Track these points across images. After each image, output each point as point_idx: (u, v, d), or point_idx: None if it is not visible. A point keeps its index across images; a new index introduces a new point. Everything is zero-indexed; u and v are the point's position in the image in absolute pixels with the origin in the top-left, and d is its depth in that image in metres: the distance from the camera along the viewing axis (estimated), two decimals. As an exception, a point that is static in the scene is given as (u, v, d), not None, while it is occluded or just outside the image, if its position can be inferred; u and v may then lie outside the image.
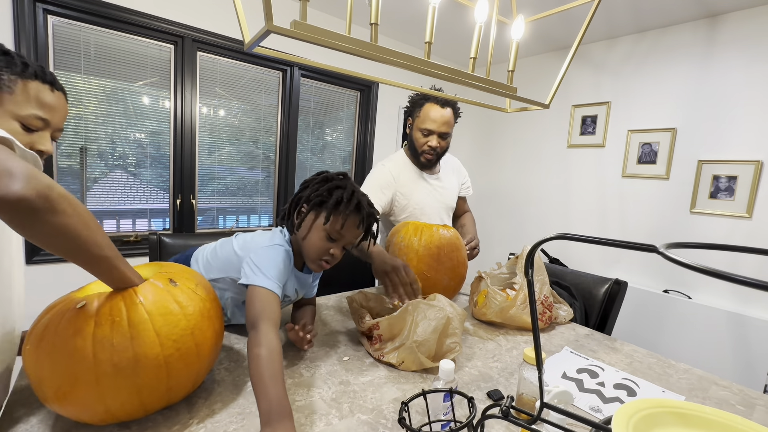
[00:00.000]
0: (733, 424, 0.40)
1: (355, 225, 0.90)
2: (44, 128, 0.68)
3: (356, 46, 0.70)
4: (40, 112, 0.66)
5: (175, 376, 0.62)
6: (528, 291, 0.51)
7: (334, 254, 0.91)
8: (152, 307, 0.61)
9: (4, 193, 0.44)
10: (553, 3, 2.14)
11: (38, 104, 0.66)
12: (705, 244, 0.31)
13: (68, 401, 0.56)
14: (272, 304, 0.77)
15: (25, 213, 0.46)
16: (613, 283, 1.37)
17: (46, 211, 0.47)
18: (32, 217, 0.46)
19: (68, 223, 0.49)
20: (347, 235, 0.90)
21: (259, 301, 0.76)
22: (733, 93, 2.14)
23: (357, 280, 1.69)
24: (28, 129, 0.66)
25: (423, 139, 1.49)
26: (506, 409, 0.50)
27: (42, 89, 0.67)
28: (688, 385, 0.92)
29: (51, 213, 0.47)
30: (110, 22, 1.86)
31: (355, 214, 0.89)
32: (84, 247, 0.53)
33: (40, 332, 0.57)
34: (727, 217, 2.16)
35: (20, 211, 0.45)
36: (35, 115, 0.66)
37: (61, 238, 0.50)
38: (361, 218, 0.90)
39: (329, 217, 0.87)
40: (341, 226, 0.88)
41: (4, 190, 0.44)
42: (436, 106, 1.46)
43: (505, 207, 3.35)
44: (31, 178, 0.46)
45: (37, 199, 0.46)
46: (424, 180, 1.56)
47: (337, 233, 0.89)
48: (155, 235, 1.30)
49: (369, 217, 0.92)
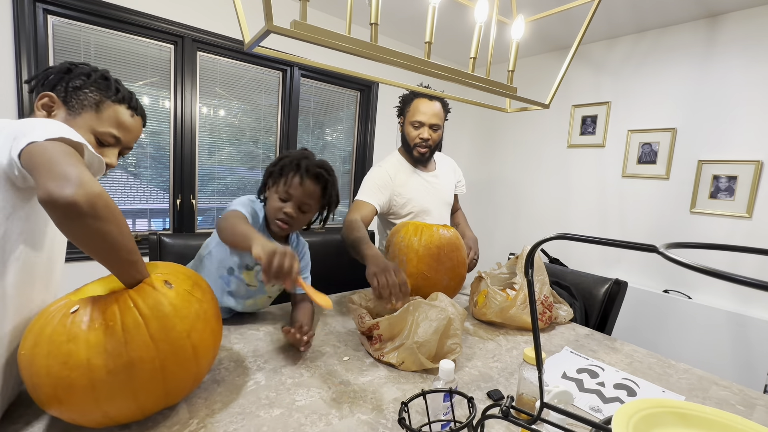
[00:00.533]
0: (733, 424, 0.40)
1: (298, 183, 1.00)
2: (115, 145, 0.76)
3: (356, 46, 0.70)
4: (116, 132, 0.75)
5: (172, 379, 0.62)
6: (528, 291, 0.51)
7: (287, 213, 1.02)
8: (147, 310, 0.60)
9: (58, 195, 0.49)
10: (553, 3, 2.14)
11: (117, 125, 0.75)
12: (705, 244, 0.31)
13: (64, 406, 0.56)
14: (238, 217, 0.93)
15: (73, 215, 0.51)
16: (613, 283, 1.37)
17: (90, 217, 0.52)
18: (77, 220, 0.51)
19: (108, 229, 0.55)
20: (294, 193, 1.01)
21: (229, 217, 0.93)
22: (733, 93, 2.14)
23: (357, 280, 1.69)
24: (101, 143, 0.74)
25: (414, 132, 1.51)
26: (506, 409, 0.50)
27: (124, 113, 0.76)
28: (688, 385, 0.92)
29: (94, 218, 0.52)
30: (110, 22, 1.86)
31: (295, 172, 1.00)
32: (116, 252, 0.58)
33: (34, 338, 0.57)
34: (727, 217, 2.16)
35: (68, 212, 0.50)
36: (111, 134, 0.74)
37: (98, 241, 0.55)
38: (300, 175, 1.00)
39: (276, 180, 1.03)
40: (285, 184, 1.01)
41: (59, 192, 0.49)
42: (425, 99, 1.50)
43: (505, 207, 3.35)
44: (83, 185, 0.51)
45: (85, 204, 0.50)
46: (421, 177, 1.57)
47: (285, 193, 1.01)
48: (155, 235, 1.30)
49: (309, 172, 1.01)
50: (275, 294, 1.16)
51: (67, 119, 0.71)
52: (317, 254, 1.62)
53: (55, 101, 0.71)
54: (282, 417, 0.69)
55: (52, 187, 0.49)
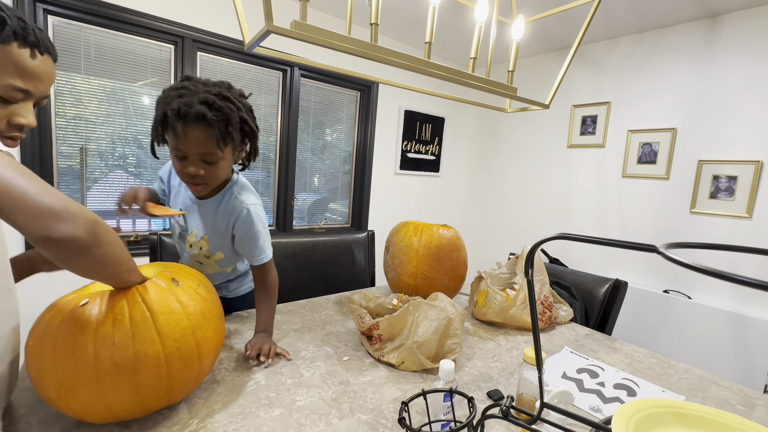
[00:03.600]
0: (733, 424, 0.40)
1: (183, 134, 0.77)
2: (25, 99, 0.57)
3: (356, 46, 0.70)
4: (19, 83, 0.55)
5: (175, 375, 0.62)
6: (528, 291, 0.51)
7: (190, 174, 0.82)
8: (154, 305, 0.61)
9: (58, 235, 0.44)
10: (553, 3, 2.14)
11: (17, 72, 0.54)
12: (705, 244, 0.31)
13: (69, 399, 0.57)
14: None
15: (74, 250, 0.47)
16: (613, 283, 1.37)
17: (95, 246, 0.48)
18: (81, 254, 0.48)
19: (109, 251, 0.52)
20: (185, 148, 0.79)
21: None
22: (733, 93, 2.14)
23: (357, 280, 1.69)
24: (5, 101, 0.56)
25: None
26: (506, 409, 0.50)
27: (22, 54, 0.54)
28: (688, 385, 0.92)
29: (98, 246, 0.49)
30: (110, 22, 1.85)
31: (175, 121, 0.76)
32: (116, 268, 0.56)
33: (43, 329, 0.58)
34: (727, 217, 2.16)
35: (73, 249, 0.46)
36: (13, 86, 0.54)
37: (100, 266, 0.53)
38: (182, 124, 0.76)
39: (161, 136, 0.81)
40: (174, 139, 0.79)
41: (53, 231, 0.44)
42: None
43: (505, 207, 3.35)
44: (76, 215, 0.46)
45: (86, 235, 0.47)
46: None
47: (176, 150, 0.80)
48: (155, 235, 1.30)
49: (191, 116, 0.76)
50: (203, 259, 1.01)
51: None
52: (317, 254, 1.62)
53: None
54: (282, 417, 0.69)
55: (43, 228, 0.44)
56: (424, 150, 3.27)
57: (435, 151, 3.34)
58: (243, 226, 0.92)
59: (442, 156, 3.40)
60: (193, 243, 0.99)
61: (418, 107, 3.15)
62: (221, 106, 0.79)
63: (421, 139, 3.23)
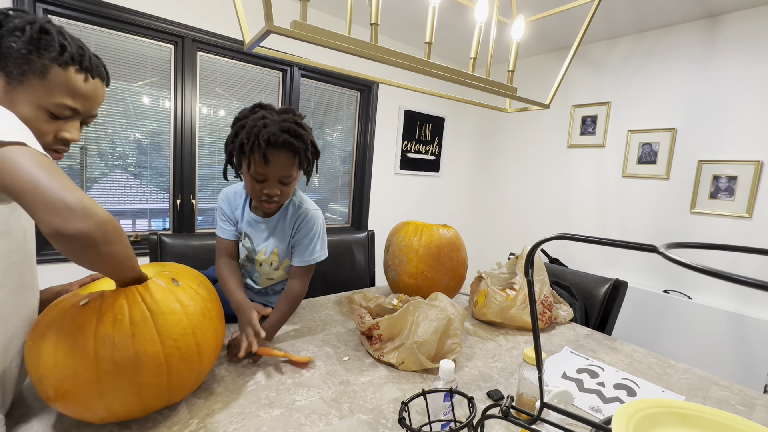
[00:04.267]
0: (733, 424, 0.40)
1: (263, 162, 0.86)
2: (73, 117, 0.63)
3: (356, 46, 0.70)
4: (69, 102, 0.61)
5: (175, 375, 0.62)
6: (528, 291, 0.51)
7: (268, 194, 0.91)
8: (154, 305, 0.61)
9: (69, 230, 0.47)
10: (553, 3, 2.14)
11: (69, 93, 0.60)
12: (705, 244, 0.31)
13: (69, 399, 0.57)
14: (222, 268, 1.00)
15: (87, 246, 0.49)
16: (613, 283, 1.37)
17: (104, 243, 0.51)
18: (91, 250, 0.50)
19: (117, 249, 0.54)
20: (266, 172, 0.88)
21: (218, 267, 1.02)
22: (733, 93, 2.14)
23: (357, 280, 1.69)
24: (55, 117, 0.61)
25: None
26: (506, 409, 0.50)
27: (76, 78, 0.61)
28: (688, 385, 0.92)
29: (106, 244, 0.51)
30: (110, 22, 1.86)
31: (257, 150, 0.85)
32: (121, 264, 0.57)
33: (43, 329, 0.58)
34: (727, 217, 2.16)
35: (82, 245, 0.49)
36: (64, 105, 0.60)
37: (108, 262, 0.54)
38: (264, 152, 0.84)
39: (240, 162, 0.89)
40: (254, 165, 0.87)
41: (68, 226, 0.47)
42: None
43: (505, 207, 3.35)
44: (91, 214, 0.49)
45: (97, 233, 0.49)
46: None
47: (257, 174, 0.89)
48: (155, 235, 1.30)
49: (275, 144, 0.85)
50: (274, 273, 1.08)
51: (6, 90, 0.57)
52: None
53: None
54: (282, 417, 0.69)
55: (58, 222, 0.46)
56: (424, 150, 3.27)
57: (435, 151, 3.34)
58: (305, 227, 1.01)
59: (442, 156, 3.40)
60: (263, 261, 1.05)
61: (418, 107, 3.16)
62: (301, 134, 0.89)
63: (421, 139, 3.24)
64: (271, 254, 1.04)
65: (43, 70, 0.58)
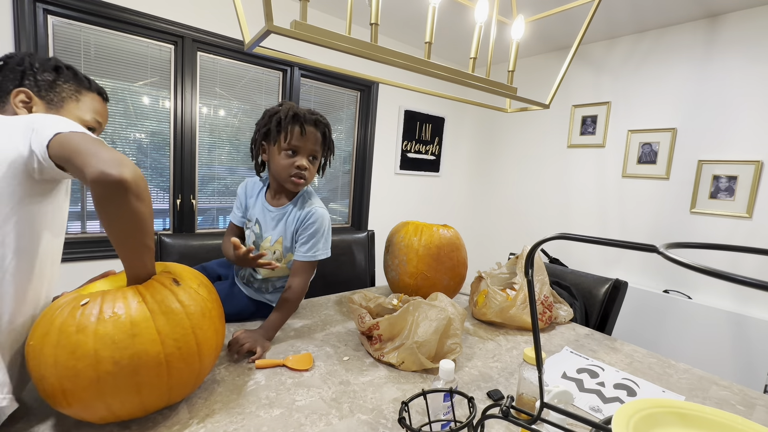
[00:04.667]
0: (733, 424, 0.40)
1: (301, 133, 1.00)
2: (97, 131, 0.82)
3: (356, 46, 0.70)
4: (97, 117, 0.81)
5: (175, 375, 0.62)
6: (528, 291, 0.51)
7: (300, 166, 1.02)
8: (155, 305, 0.61)
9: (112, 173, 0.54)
10: (553, 3, 2.14)
11: (95, 111, 0.81)
12: (705, 244, 0.31)
13: (69, 398, 0.57)
14: None
15: (122, 191, 0.55)
16: (613, 283, 1.37)
17: (135, 195, 0.57)
18: (124, 197, 0.56)
19: (144, 210, 0.59)
20: (301, 144, 1.02)
21: None
22: (733, 93, 2.14)
23: (357, 280, 1.69)
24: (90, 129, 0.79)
25: None
26: (506, 409, 0.50)
27: (98, 100, 0.82)
28: (688, 385, 0.92)
29: (137, 198, 0.57)
30: (110, 22, 1.85)
31: (295, 122, 1.00)
32: (140, 234, 0.61)
33: (44, 328, 0.58)
34: (727, 217, 2.16)
35: (119, 189, 0.55)
36: (95, 120, 0.80)
37: (133, 222, 0.59)
38: (300, 123, 1.00)
39: (278, 136, 1.01)
40: (289, 138, 1.00)
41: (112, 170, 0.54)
42: None
43: (505, 207, 3.35)
44: (131, 166, 0.57)
45: (133, 182, 0.56)
46: None
47: (291, 146, 1.01)
48: (155, 235, 1.30)
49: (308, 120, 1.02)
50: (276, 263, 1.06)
51: (49, 112, 0.73)
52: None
53: (32, 97, 0.72)
54: (282, 417, 0.69)
55: (104, 166, 0.54)
56: (424, 150, 3.27)
57: (435, 151, 3.34)
58: (309, 223, 1.06)
59: (442, 156, 3.40)
60: (267, 248, 1.10)
61: (418, 107, 3.16)
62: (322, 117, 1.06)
63: (421, 139, 3.24)
64: (276, 242, 1.10)
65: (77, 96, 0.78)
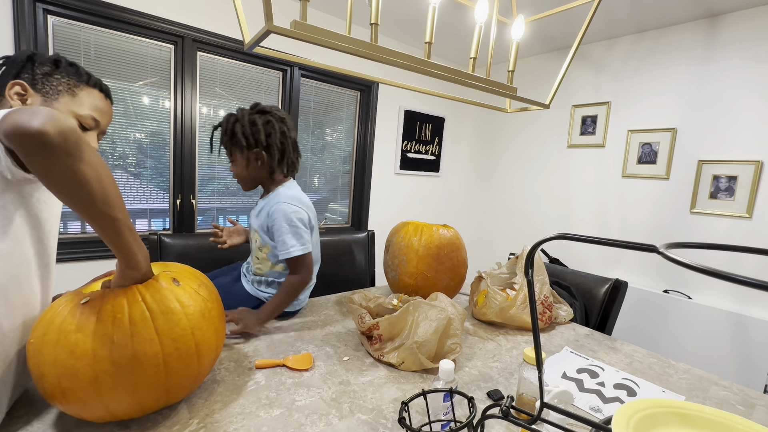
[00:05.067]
0: (733, 424, 0.40)
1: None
2: (95, 128, 0.79)
3: (356, 46, 0.70)
4: (95, 114, 0.77)
5: (173, 375, 0.62)
6: (528, 291, 0.51)
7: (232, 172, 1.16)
8: (154, 305, 0.61)
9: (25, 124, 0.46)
10: (553, 3, 2.14)
11: (94, 108, 0.77)
12: (705, 244, 0.31)
13: (67, 397, 0.57)
14: None
15: (42, 146, 0.47)
16: (613, 283, 1.37)
17: (63, 151, 0.48)
18: (48, 153, 0.48)
19: (81, 169, 0.51)
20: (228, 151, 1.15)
21: None
22: (733, 93, 2.14)
23: (357, 280, 1.69)
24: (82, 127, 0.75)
25: None
26: (506, 409, 0.50)
27: (99, 96, 0.79)
28: (688, 385, 0.92)
29: (67, 155, 0.49)
30: (110, 22, 1.85)
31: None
32: (92, 201, 0.53)
33: (44, 327, 0.58)
34: (727, 217, 2.16)
35: (37, 143, 0.47)
36: (91, 116, 0.76)
37: (72, 185, 0.51)
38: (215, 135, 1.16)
39: None
40: None
41: (26, 122, 0.46)
42: None
43: (505, 207, 3.35)
44: (55, 119, 0.48)
45: (56, 136, 0.47)
46: None
47: None
48: (155, 235, 1.30)
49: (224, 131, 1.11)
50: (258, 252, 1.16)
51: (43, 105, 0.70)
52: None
53: (27, 89, 0.69)
54: (282, 417, 0.69)
55: (18, 118, 0.47)
56: (424, 150, 3.27)
57: (435, 151, 3.34)
58: (271, 219, 1.08)
59: (442, 156, 3.40)
60: (252, 237, 1.17)
61: (418, 107, 3.15)
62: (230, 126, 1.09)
63: (421, 139, 3.23)
64: (255, 233, 1.15)
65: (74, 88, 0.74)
